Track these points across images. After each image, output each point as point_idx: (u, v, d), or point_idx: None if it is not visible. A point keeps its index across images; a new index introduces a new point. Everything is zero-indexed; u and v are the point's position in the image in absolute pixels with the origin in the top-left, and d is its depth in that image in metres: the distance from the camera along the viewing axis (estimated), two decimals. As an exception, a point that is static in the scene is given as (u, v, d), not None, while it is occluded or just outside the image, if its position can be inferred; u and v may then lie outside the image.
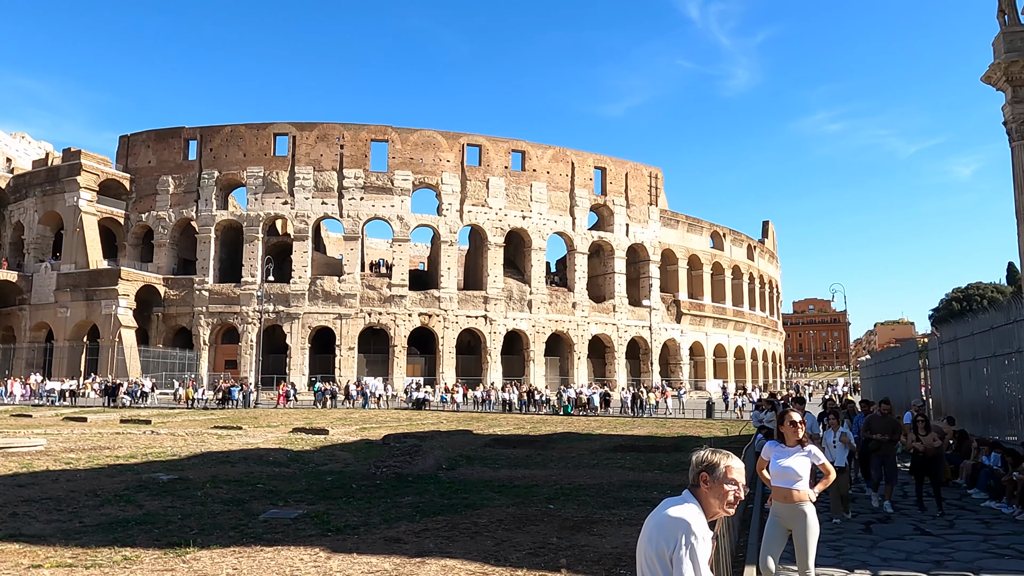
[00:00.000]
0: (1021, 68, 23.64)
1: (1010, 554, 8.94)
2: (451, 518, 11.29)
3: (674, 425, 35.20)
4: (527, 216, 62.51)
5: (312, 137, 59.11)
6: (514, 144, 63.58)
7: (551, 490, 14.26)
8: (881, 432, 12.04)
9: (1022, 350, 13.93)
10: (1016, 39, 23.82)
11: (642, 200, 68.82)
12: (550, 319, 62.51)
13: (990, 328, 15.61)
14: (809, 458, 6.33)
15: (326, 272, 60.41)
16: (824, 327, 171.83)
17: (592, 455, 21.18)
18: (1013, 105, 24.18)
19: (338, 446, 22.92)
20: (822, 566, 8.10)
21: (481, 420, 37.19)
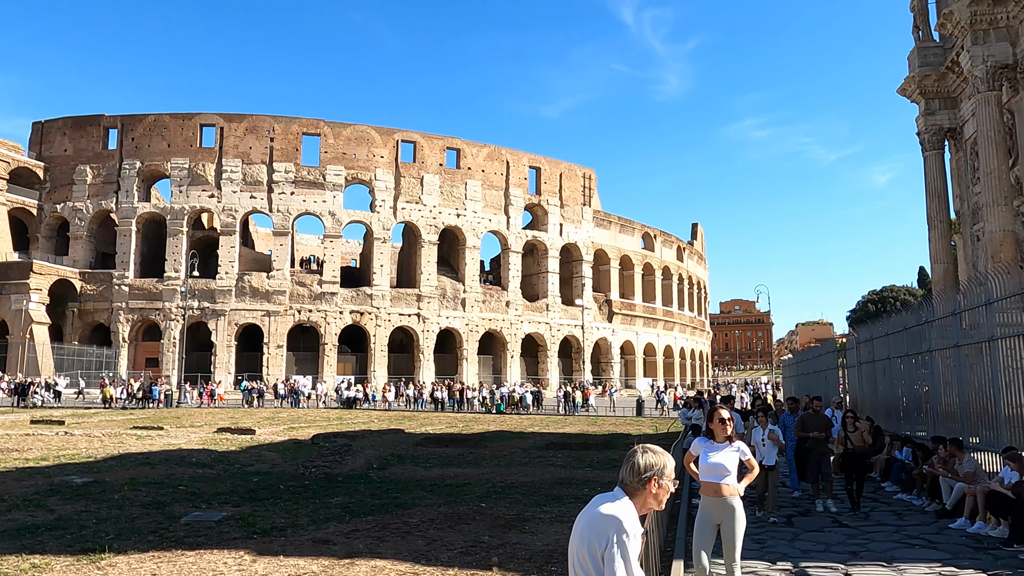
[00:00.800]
0: (933, 81, 24.90)
1: (920, 543, 9.39)
2: (382, 518, 11.14)
3: (605, 423, 35.69)
4: (462, 214, 62.36)
5: (241, 129, 57.47)
6: (449, 142, 63.33)
7: (483, 488, 14.24)
8: (815, 430, 11.85)
9: (931, 350, 14.66)
10: (929, 54, 25.07)
11: (576, 200, 69.54)
12: (484, 318, 62.53)
13: (903, 329, 16.37)
14: (737, 453, 6.52)
15: (254, 268, 58.87)
16: (749, 327, 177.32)
17: (524, 453, 21.25)
18: (926, 116, 25.45)
19: (265, 446, 22.35)
20: (747, 559, 8.32)
21: (413, 419, 36.90)
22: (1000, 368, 11.55)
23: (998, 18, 19.85)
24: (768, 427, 11.32)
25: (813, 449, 11.80)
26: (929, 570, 8.04)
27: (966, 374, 13.02)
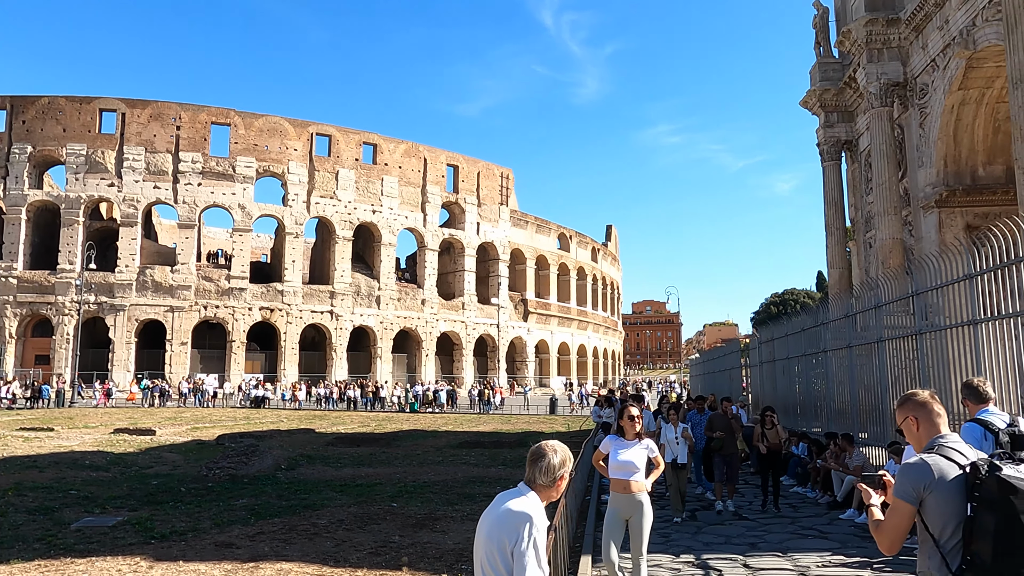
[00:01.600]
0: (832, 95, 26.24)
1: (813, 534, 9.89)
2: (289, 520, 10.88)
3: (519, 421, 35.96)
4: (377, 210, 61.51)
5: (145, 115, 54.82)
6: (366, 136, 62.35)
7: (395, 488, 14.11)
8: (723, 430, 11.78)
9: (826, 350, 15.46)
10: (829, 69, 26.40)
11: (493, 200, 69.72)
12: (399, 315, 61.89)
13: (800, 330, 17.20)
14: (646, 451, 6.69)
15: (157, 261, 56.31)
16: (660, 327, 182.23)
17: (438, 452, 21.18)
18: (825, 129, 26.80)
19: (166, 447, 21.44)
20: (652, 552, 8.55)
21: (324, 418, 36.16)
22: (887, 367, 12.28)
23: (891, 38, 21.09)
24: (680, 425, 11.23)
25: (719, 449, 11.70)
26: (820, 559, 8.48)
27: (857, 373, 13.78)
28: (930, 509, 2.78)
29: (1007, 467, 2.66)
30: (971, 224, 19.73)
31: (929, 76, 19.97)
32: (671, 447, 10.93)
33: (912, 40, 20.60)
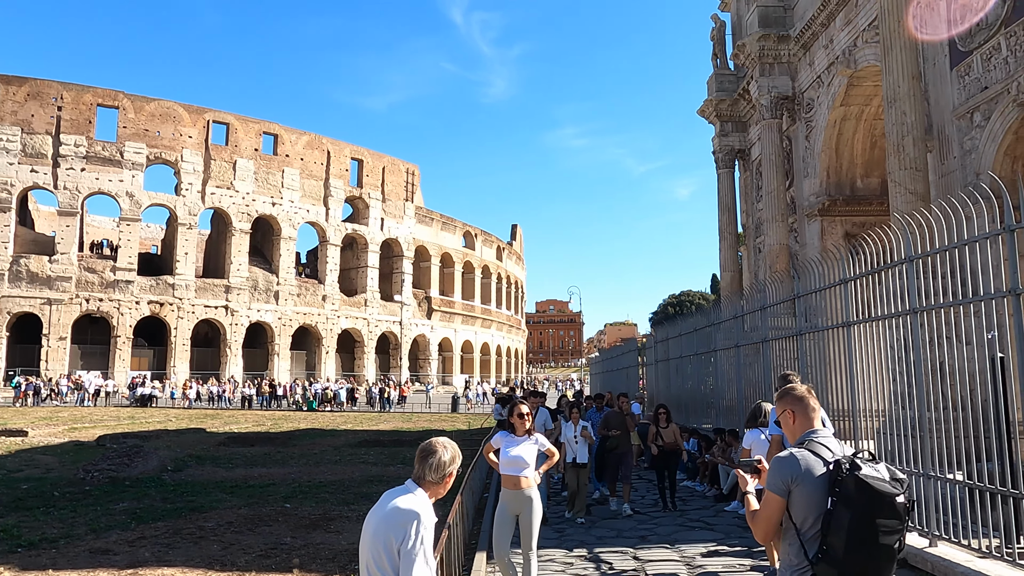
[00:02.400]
0: (728, 106, 27.38)
1: (699, 526, 10.29)
2: (173, 523, 10.39)
3: (420, 419, 35.71)
4: (277, 203, 59.65)
5: (21, 94, 51.04)
6: (267, 126, 60.33)
7: (289, 488, 13.73)
8: (618, 427, 11.53)
9: (717, 349, 16.12)
10: (725, 80, 27.53)
11: (398, 195, 68.93)
12: (298, 311, 60.24)
13: (693, 330, 17.86)
14: (536, 446, 6.77)
15: (33, 250, 52.58)
16: (562, 326, 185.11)
17: (335, 451, 20.75)
18: (720, 138, 27.93)
19: (39, 449, 20.05)
20: (545, 547, 8.68)
21: (217, 417, 34.75)
22: (772, 365, 12.90)
23: (781, 54, 22.20)
24: (580, 423, 10.95)
25: (614, 448, 11.37)
26: (704, 548, 8.83)
27: (744, 371, 14.43)
28: (796, 501, 2.95)
29: (866, 467, 2.85)
30: (849, 232, 21.02)
31: (815, 92, 21.14)
32: (570, 446, 10.69)
33: (800, 57, 21.74)
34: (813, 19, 20.12)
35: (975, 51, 13.69)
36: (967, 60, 13.95)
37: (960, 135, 14.24)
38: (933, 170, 14.86)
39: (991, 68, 13.30)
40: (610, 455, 11.50)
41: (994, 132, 13.26)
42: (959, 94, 14.26)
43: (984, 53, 13.47)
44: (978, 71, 13.68)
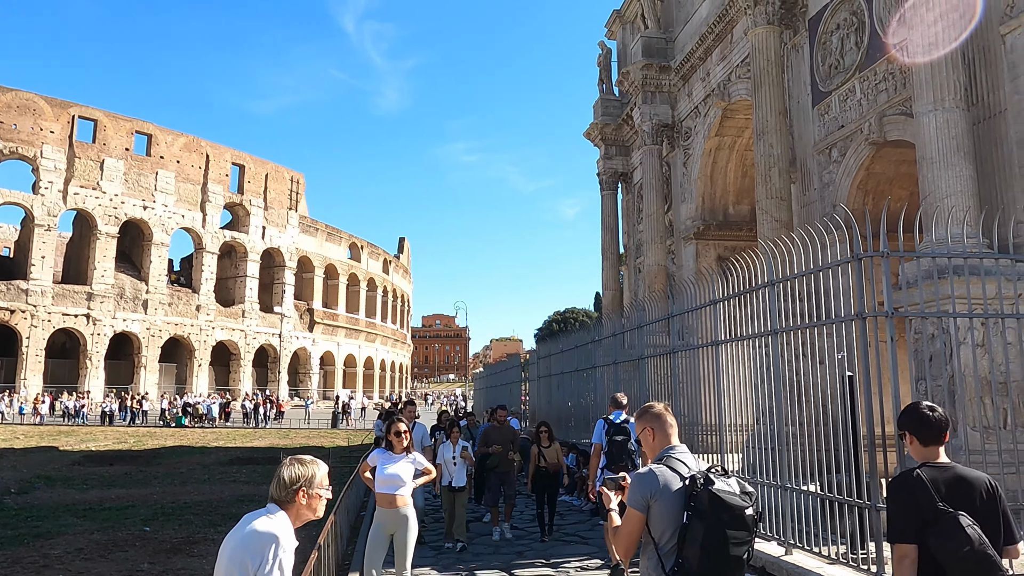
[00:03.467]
0: (612, 130, 28.31)
1: (575, 540, 10.44)
2: (14, 552, 9.50)
3: (298, 435, 34.53)
4: (150, 207, 56.36)
5: None
6: (140, 125, 57.00)
7: (150, 511, 12.88)
8: (499, 444, 10.79)
9: (597, 366, 16.51)
10: (610, 105, 28.47)
11: (282, 204, 66.79)
12: (169, 322, 56.99)
13: (575, 347, 18.24)
14: (413, 464, 6.66)
15: None
16: (448, 341, 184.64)
17: (204, 470, 19.71)
18: (605, 160, 28.82)
19: None
20: (421, 566, 8.54)
21: (73, 434, 32.25)
22: (648, 381, 13.34)
23: (663, 83, 23.22)
24: (460, 443, 10.12)
25: (495, 467, 10.63)
26: (578, 563, 8.96)
27: (622, 387, 14.83)
28: (654, 515, 3.04)
29: (719, 481, 2.99)
30: (722, 255, 22.14)
31: (693, 121, 22.21)
32: (447, 468, 9.82)
33: (680, 87, 22.81)
34: (692, 52, 21.17)
35: (833, 92, 14.81)
36: (826, 100, 15.07)
37: (820, 168, 15.33)
38: (796, 200, 15.91)
39: (847, 108, 14.43)
40: (491, 474, 10.72)
41: (849, 167, 14.37)
42: (819, 131, 15.38)
43: (841, 94, 14.59)
44: (836, 110, 14.80)
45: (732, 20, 18.69)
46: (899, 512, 3.20)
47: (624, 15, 27.87)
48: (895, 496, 3.27)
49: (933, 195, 10.41)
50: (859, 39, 14.09)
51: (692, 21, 21.75)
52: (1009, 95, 10.62)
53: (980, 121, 10.99)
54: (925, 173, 10.65)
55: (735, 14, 18.24)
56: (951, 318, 7.49)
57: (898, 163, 13.83)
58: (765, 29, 15.68)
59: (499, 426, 11.28)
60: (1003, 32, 10.70)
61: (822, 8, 15.24)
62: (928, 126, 10.65)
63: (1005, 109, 10.67)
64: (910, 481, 3.20)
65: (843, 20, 14.61)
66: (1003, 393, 8.28)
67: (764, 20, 15.69)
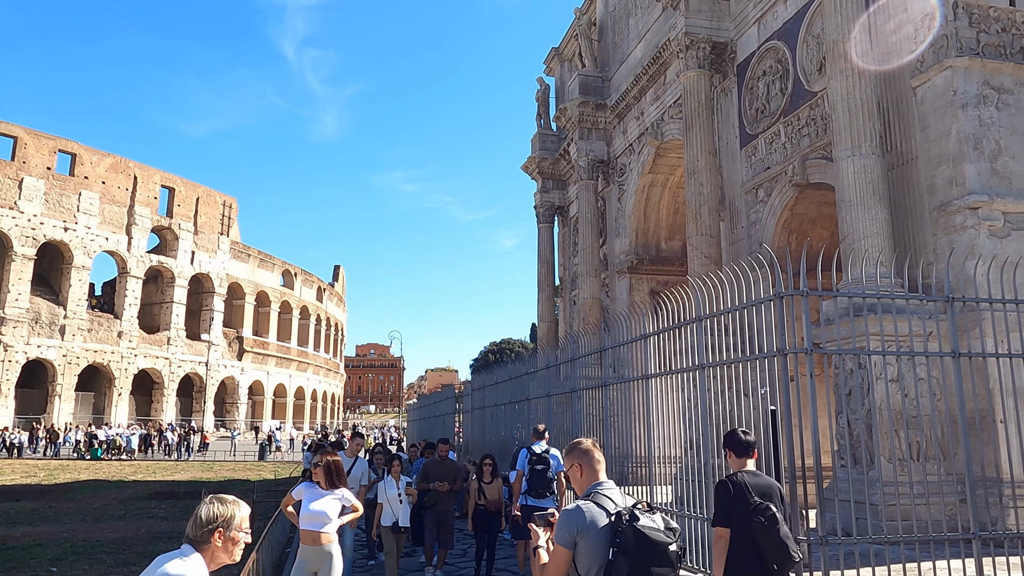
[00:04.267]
0: (550, 164, 28.76)
1: (504, 574, 10.33)
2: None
3: (223, 468, 33.32)
4: (71, 228, 54.14)
5: None
6: (63, 144, 54.92)
7: (59, 549, 12.18)
8: (440, 479, 9.92)
9: (531, 398, 16.53)
10: (548, 140, 28.95)
11: (213, 228, 65.13)
12: (88, 348, 54.50)
13: (509, 379, 18.23)
14: (340, 500, 6.49)
15: None
16: (382, 371, 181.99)
17: (121, 505, 18.80)
18: (542, 194, 29.20)
19: None
20: (348, 605, 8.30)
21: (-24, 467, 30.35)
22: (582, 413, 13.42)
23: (599, 121, 23.78)
24: (403, 480, 9.35)
25: (433, 505, 9.81)
26: (510, 599, 8.86)
27: (556, 419, 14.88)
28: (581, 552, 3.05)
29: (644, 517, 3.03)
30: (654, 289, 22.59)
31: (627, 158, 22.76)
32: (391, 506, 9.04)
33: (616, 125, 23.39)
34: (627, 92, 21.78)
35: (760, 135, 15.44)
36: (754, 142, 15.69)
37: (747, 208, 15.89)
38: (725, 237, 16.43)
39: (773, 151, 15.04)
40: (427, 513, 9.82)
41: (774, 207, 14.94)
42: (747, 171, 15.97)
43: (767, 137, 15.22)
44: (762, 152, 15.41)
45: (665, 63, 19.35)
46: (720, 504, 4.33)
47: (562, 53, 28.52)
48: (719, 493, 4.39)
49: (851, 236, 10.91)
50: (783, 86, 14.77)
51: (628, 62, 22.41)
52: (920, 144, 11.27)
53: (894, 167, 11.62)
54: (844, 215, 11.16)
55: (668, 57, 18.90)
56: (867, 355, 7.82)
57: (820, 204, 14.46)
58: (696, 73, 16.28)
59: (440, 461, 10.48)
60: (914, 85, 11.39)
61: (750, 55, 15.93)
62: (847, 171, 11.19)
63: (916, 157, 11.32)
64: (732, 483, 4.36)
65: (769, 67, 15.30)
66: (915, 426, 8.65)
67: (695, 64, 16.29)
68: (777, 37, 15.00)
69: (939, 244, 10.61)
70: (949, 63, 10.77)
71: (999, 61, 10.89)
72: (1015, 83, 10.93)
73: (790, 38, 14.52)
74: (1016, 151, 10.70)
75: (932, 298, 7.44)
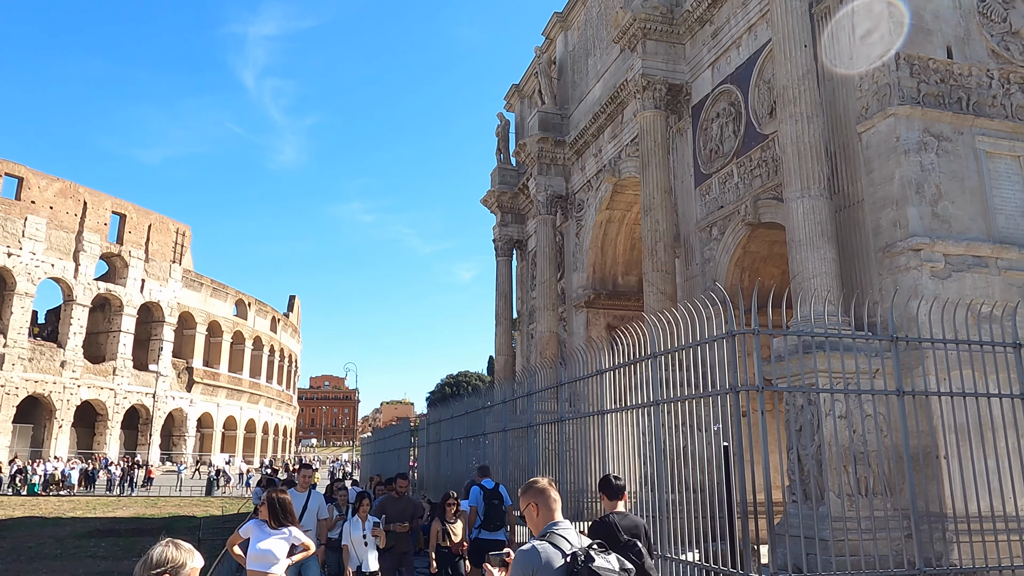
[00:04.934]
0: (509, 198, 28.98)
1: (460, 614, 10.14)
2: None
3: (168, 504, 32.24)
4: (15, 254, 52.47)
5: None
6: (10, 167, 53.46)
7: (-12, 591, 11.60)
8: (399, 519, 9.48)
9: (487, 432, 16.43)
10: (507, 174, 29.21)
11: (165, 256, 63.81)
12: (28, 379, 52.53)
13: (465, 413, 18.11)
14: (289, 540, 6.31)
15: None
16: (337, 403, 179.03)
17: (58, 543, 18.02)
18: (501, 227, 29.36)
19: None
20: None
21: (-98, 504, 28.83)
22: (539, 448, 13.38)
23: (558, 157, 24.11)
24: (369, 519, 8.76)
25: (391, 547, 9.26)
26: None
27: (512, 454, 14.80)
28: None
29: (599, 558, 3.04)
30: (611, 324, 22.79)
31: (586, 194, 23.08)
32: (356, 550, 8.41)
33: (574, 161, 23.75)
34: (586, 129, 22.17)
35: (714, 174, 15.83)
36: (708, 181, 16.08)
37: (702, 245, 16.21)
38: (680, 273, 16.71)
39: (726, 190, 15.42)
40: (386, 556, 9.19)
41: (727, 245, 15.27)
42: (701, 209, 16.32)
43: (721, 177, 15.61)
44: (716, 192, 15.79)
45: (623, 102, 19.78)
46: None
47: (522, 89, 28.95)
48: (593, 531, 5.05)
49: (801, 275, 11.20)
50: (736, 128, 15.21)
51: (586, 100, 22.85)
52: (866, 187, 11.69)
53: (842, 209, 12.01)
54: (794, 254, 11.47)
55: (626, 97, 19.33)
56: (816, 392, 7.99)
57: (771, 243, 14.83)
58: (653, 113, 16.67)
59: (398, 498, 9.93)
60: (860, 130, 11.84)
61: (704, 97, 16.40)
62: (796, 211, 11.53)
63: (862, 199, 11.72)
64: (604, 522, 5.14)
65: (722, 109, 15.75)
66: (863, 462, 8.83)
67: (652, 105, 16.69)
68: (730, 81, 15.48)
69: (884, 284, 10.96)
70: (892, 111, 11.24)
71: (938, 110, 11.40)
72: (953, 131, 11.44)
73: (743, 82, 15.00)
74: (955, 196, 11.16)
75: (878, 337, 7.66)
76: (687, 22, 16.60)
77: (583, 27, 23.86)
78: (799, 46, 12.07)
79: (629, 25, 16.91)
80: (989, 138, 11.59)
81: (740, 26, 15.10)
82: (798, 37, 12.10)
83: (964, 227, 11.04)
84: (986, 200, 11.32)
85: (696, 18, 16.36)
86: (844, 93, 12.27)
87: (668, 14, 16.74)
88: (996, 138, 11.64)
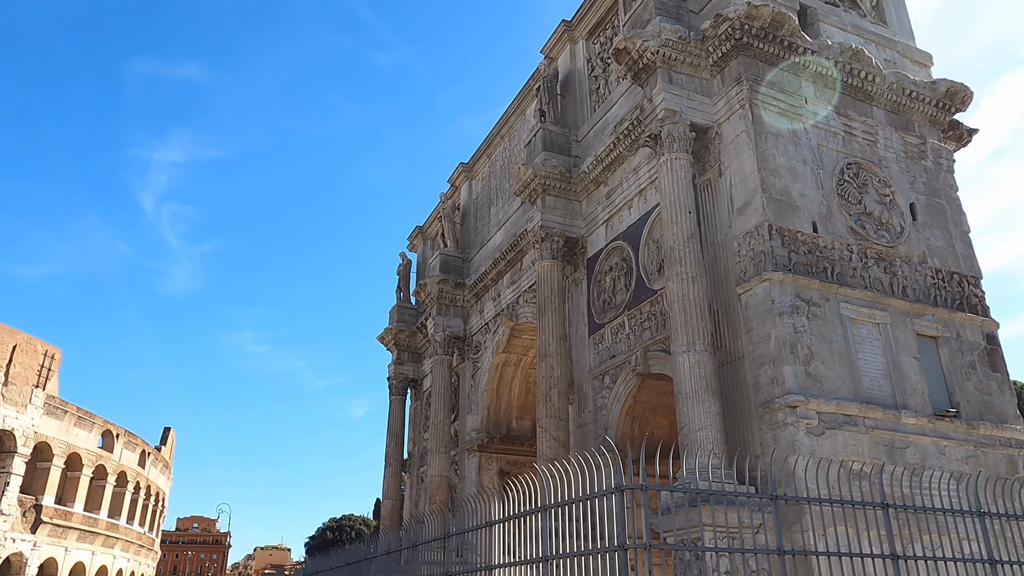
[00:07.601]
0: (406, 336, 28.86)
1: None
2: None
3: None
4: None
5: None
6: None
7: None
8: None
9: (371, 585, 15.41)
10: (406, 312, 29.26)
11: (27, 380, 58.68)
12: None
13: (346, 563, 17.00)
14: None
15: None
16: (205, 548, 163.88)
17: None
18: (396, 365, 29.01)
19: None
20: None
21: None
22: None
23: (457, 298, 24.47)
24: None
25: None
26: None
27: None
28: None
29: None
30: (504, 469, 22.43)
31: (483, 336, 23.33)
32: None
33: (473, 303, 24.14)
34: (486, 273, 22.76)
35: (607, 325, 16.42)
36: (601, 331, 16.64)
37: (595, 392, 16.51)
38: (573, 420, 16.85)
39: (618, 340, 15.97)
40: None
41: (619, 394, 15.62)
42: (595, 358, 16.76)
43: (613, 327, 16.21)
44: (609, 341, 16.32)
45: (522, 251, 20.57)
46: None
47: (426, 232, 29.68)
48: None
49: (688, 427, 11.52)
50: (628, 282, 16.02)
51: (488, 246, 23.62)
52: (746, 344, 12.40)
53: (725, 364, 12.63)
54: (681, 406, 11.84)
55: (525, 246, 20.14)
56: (701, 551, 8.02)
57: (660, 393, 15.28)
58: (550, 263, 17.38)
59: None
60: (739, 292, 12.71)
61: (599, 251, 17.30)
62: (683, 365, 12.03)
63: (743, 356, 12.40)
64: None
65: (615, 263, 16.62)
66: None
67: (549, 255, 17.43)
68: (623, 238, 16.45)
69: (765, 438, 11.40)
70: (767, 276, 12.18)
71: (807, 277, 12.45)
72: (821, 297, 12.46)
73: (634, 240, 15.97)
74: (825, 357, 11.99)
75: (759, 495, 7.88)
76: (584, 182, 17.76)
77: (487, 177, 25.06)
78: (684, 212, 13.06)
79: (530, 180, 17.92)
80: (852, 305, 12.68)
81: (632, 189, 16.27)
82: (683, 204, 13.12)
83: (834, 387, 11.79)
84: (853, 362, 12.21)
85: (592, 179, 17.54)
86: (725, 257, 13.24)
87: (566, 173, 17.89)
88: (858, 306, 12.74)
